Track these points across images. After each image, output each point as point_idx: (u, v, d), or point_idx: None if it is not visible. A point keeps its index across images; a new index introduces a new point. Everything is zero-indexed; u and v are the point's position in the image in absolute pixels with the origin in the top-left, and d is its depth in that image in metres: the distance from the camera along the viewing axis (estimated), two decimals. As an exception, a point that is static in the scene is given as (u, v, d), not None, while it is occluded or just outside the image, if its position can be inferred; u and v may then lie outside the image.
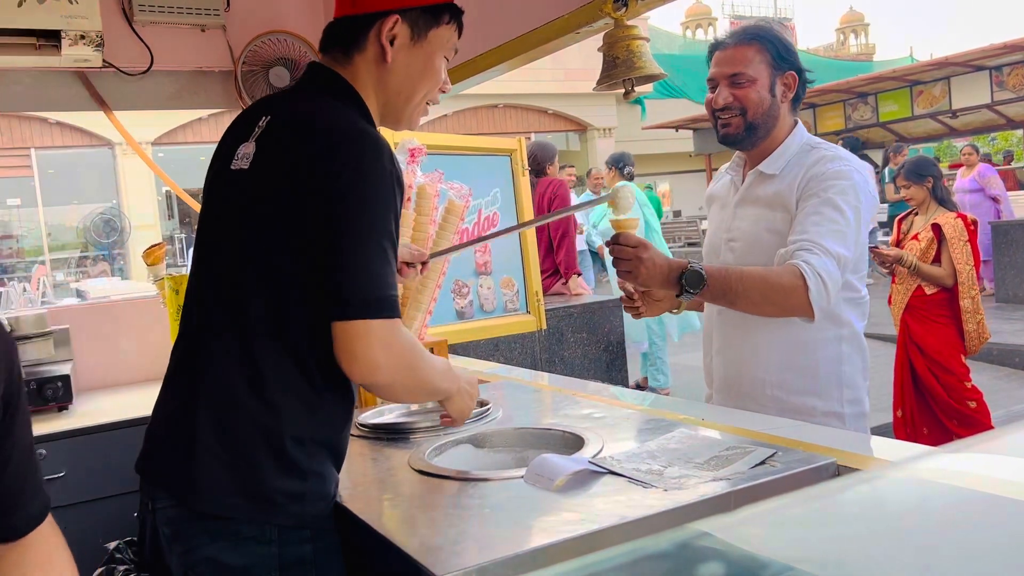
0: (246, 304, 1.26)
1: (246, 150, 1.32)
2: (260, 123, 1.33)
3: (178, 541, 1.25)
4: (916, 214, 4.11)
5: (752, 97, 1.81)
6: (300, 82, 1.43)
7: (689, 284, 1.63)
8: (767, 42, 1.82)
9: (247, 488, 1.22)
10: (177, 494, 1.25)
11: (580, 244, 6.56)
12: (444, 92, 1.47)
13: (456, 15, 1.41)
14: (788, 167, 1.83)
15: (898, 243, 4.12)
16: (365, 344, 1.19)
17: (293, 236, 1.23)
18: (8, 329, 2.41)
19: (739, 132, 1.84)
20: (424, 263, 1.86)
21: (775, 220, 1.81)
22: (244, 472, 1.23)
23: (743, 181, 1.92)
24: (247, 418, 1.24)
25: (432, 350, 2.14)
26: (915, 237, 3.99)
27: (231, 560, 1.22)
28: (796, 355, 1.83)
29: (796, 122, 1.90)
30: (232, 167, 1.34)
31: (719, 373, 1.95)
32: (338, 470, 1.36)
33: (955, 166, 9.98)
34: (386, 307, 1.21)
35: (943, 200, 4.03)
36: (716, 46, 1.89)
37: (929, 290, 3.93)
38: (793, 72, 1.84)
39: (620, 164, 6.09)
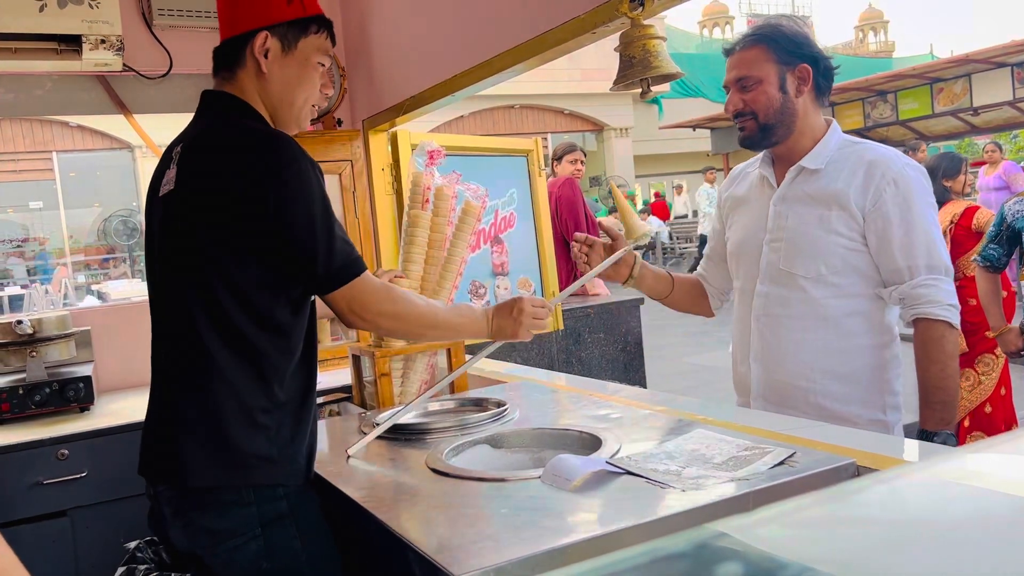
0: (191, 306, 1.43)
1: (169, 175, 1.50)
2: (175, 151, 1.51)
3: (177, 517, 1.45)
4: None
5: (760, 100, 1.80)
6: (199, 109, 1.59)
7: (948, 442, 1.69)
8: (771, 40, 1.80)
9: (224, 460, 1.41)
10: (172, 479, 1.45)
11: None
12: (328, 94, 1.64)
13: (324, 25, 1.56)
14: (832, 162, 1.80)
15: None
16: (339, 309, 1.48)
17: (229, 238, 1.40)
18: (30, 330, 2.45)
19: (754, 134, 1.83)
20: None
21: (830, 218, 1.76)
22: (220, 447, 1.41)
23: (778, 179, 1.88)
24: (214, 403, 1.42)
25: (449, 351, 2.14)
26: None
27: (220, 525, 1.41)
28: (840, 363, 1.78)
29: (831, 121, 1.87)
30: (159, 194, 1.53)
31: (758, 380, 1.88)
32: (307, 433, 1.51)
33: (977, 164, 9.86)
34: (345, 275, 1.45)
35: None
36: (727, 52, 1.88)
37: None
38: (805, 64, 1.80)
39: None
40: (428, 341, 1.71)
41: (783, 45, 1.80)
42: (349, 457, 1.62)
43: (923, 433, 1.73)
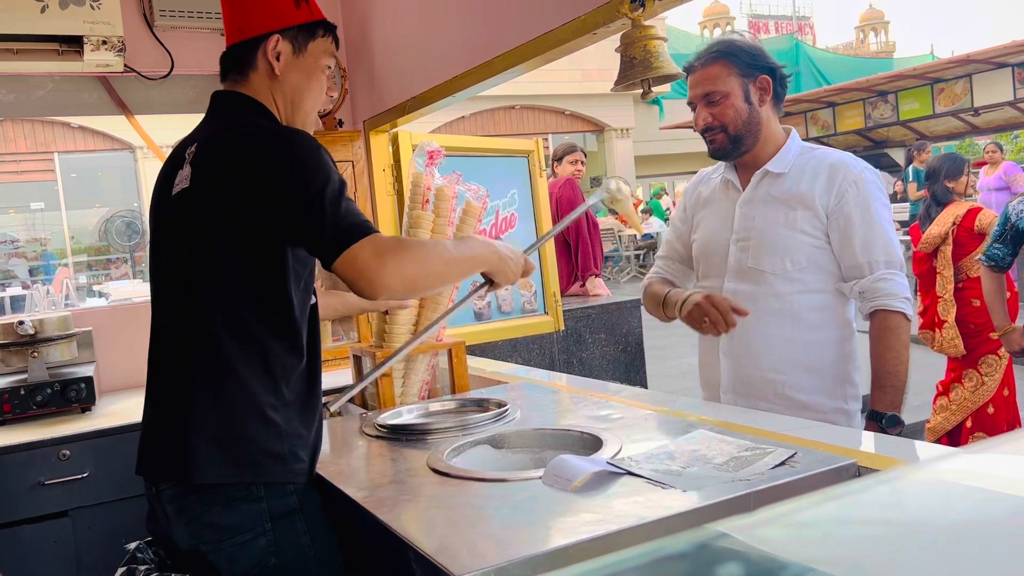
0: (206, 304, 1.44)
1: (183, 174, 1.50)
2: (189, 151, 1.51)
3: (182, 514, 1.45)
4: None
5: (728, 113, 1.89)
6: (212, 110, 1.60)
7: (890, 427, 1.78)
8: (731, 55, 1.89)
9: (236, 457, 1.42)
10: (178, 475, 1.44)
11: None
12: (332, 97, 1.61)
13: (329, 29, 1.60)
14: (795, 166, 1.91)
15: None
16: (358, 268, 1.36)
17: (244, 235, 1.41)
18: (31, 331, 2.45)
19: (726, 146, 1.93)
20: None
21: (795, 217, 1.87)
22: (231, 443, 1.42)
23: (742, 183, 1.98)
24: (227, 400, 1.43)
25: (450, 352, 2.14)
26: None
27: (227, 521, 1.41)
28: (806, 355, 1.89)
29: (790, 129, 1.99)
30: (172, 193, 1.52)
31: (728, 374, 1.97)
32: (312, 433, 1.53)
33: (978, 164, 9.87)
34: (355, 232, 1.37)
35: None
36: (688, 70, 1.95)
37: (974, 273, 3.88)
38: (765, 75, 1.90)
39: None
40: (444, 283, 1.62)
41: (743, 59, 1.89)
42: (330, 412, 1.67)
43: (873, 413, 1.83)
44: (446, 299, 2.11)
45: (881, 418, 1.81)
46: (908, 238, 4.98)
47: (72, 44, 2.51)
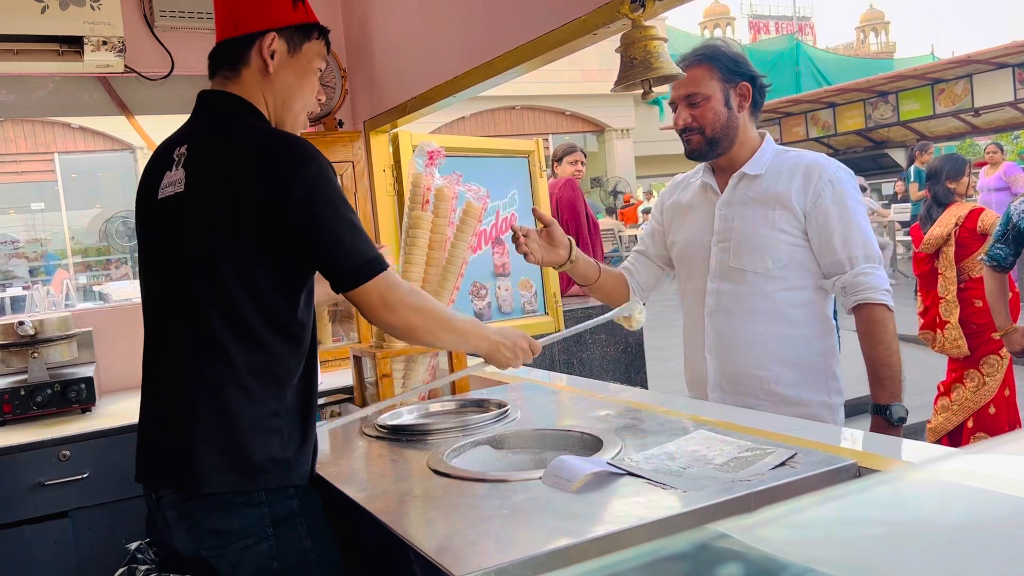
0: (209, 311, 1.42)
1: (173, 178, 1.48)
2: (178, 152, 1.50)
3: (183, 521, 1.43)
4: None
5: (708, 115, 1.93)
6: (197, 109, 1.59)
7: (896, 417, 1.82)
8: (716, 60, 1.94)
9: (238, 465, 1.41)
10: (182, 484, 1.42)
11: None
12: (321, 101, 1.67)
13: (323, 32, 1.61)
14: (770, 168, 1.96)
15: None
16: (370, 303, 1.45)
17: (248, 241, 1.40)
18: (32, 331, 2.45)
19: (701, 147, 1.97)
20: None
21: (774, 217, 1.91)
22: (236, 454, 1.40)
23: (720, 186, 2.01)
24: (230, 408, 1.41)
25: (450, 352, 2.14)
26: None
27: (229, 526, 1.40)
28: (790, 351, 1.92)
29: (764, 133, 2.03)
30: (160, 196, 1.50)
31: (715, 372, 2.00)
32: (312, 433, 1.53)
33: (979, 164, 9.87)
34: (371, 268, 1.43)
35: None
36: None
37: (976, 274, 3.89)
38: (746, 82, 1.95)
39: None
40: (434, 345, 1.73)
41: (726, 64, 1.94)
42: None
43: (876, 407, 1.86)
44: (445, 302, 2.11)
45: (885, 410, 1.83)
46: (909, 238, 4.98)
47: (72, 44, 2.51)
